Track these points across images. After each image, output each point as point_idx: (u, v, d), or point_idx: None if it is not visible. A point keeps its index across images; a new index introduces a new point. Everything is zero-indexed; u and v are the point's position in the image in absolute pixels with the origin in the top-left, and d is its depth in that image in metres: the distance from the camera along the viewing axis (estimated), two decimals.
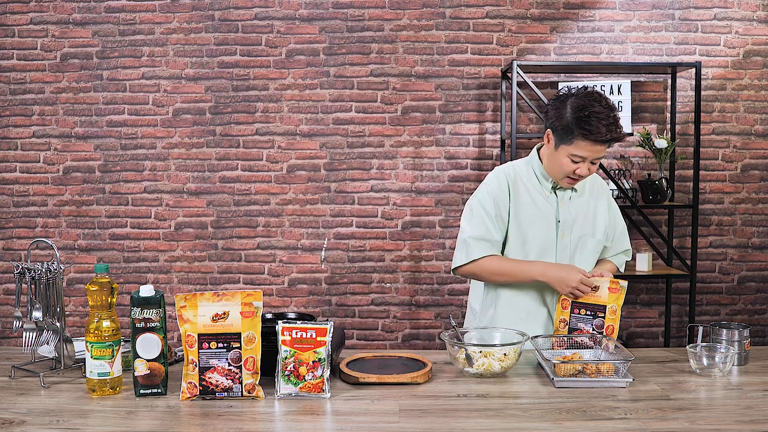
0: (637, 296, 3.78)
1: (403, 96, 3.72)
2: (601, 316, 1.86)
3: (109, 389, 1.55)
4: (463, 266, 1.99)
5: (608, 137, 1.82)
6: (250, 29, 3.69)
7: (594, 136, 1.81)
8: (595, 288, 1.88)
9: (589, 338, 1.83)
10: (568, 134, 1.86)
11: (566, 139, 1.87)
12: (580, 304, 1.90)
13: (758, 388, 1.61)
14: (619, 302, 1.86)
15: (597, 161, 1.90)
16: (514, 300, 2.02)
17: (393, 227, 3.77)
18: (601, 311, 1.86)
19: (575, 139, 1.84)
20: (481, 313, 2.09)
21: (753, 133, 3.74)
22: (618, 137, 1.85)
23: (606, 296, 1.86)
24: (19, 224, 3.76)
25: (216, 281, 3.78)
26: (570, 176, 1.92)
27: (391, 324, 3.80)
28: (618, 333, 1.88)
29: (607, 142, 1.85)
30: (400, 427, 1.37)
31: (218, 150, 3.74)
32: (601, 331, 1.85)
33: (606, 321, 1.86)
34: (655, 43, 3.68)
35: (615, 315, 1.86)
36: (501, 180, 2.01)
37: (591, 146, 1.84)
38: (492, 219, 1.97)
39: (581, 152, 1.85)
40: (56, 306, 1.72)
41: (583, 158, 1.87)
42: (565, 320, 1.91)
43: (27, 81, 3.70)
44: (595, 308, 1.87)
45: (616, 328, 1.86)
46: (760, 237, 3.77)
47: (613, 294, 1.86)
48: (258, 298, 1.55)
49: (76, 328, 3.73)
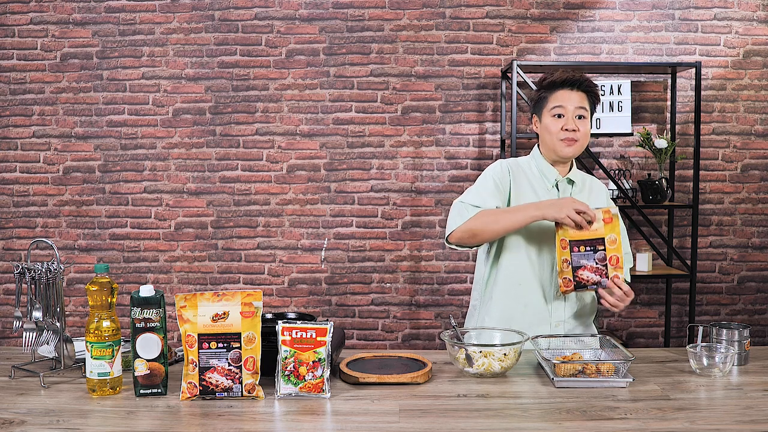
0: (637, 296, 3.78)
1: (403, 96, 3.72)
2: (602, 249, 1.83)
3: (109, 389, 1.55)
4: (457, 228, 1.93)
5: (569, 76, 1.95)
6: (250, 29, 3.69)
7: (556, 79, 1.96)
8: (590, 222, 1.84)
9: (594, 273, 1.82)
10: (541, 99, 1.99)
11: (542, 103, 1.99)
12: (578, 242, 1.85)
13: (758, 388, 1.61)
14: (616, 230, 1.83)
15: (583, 115, 1.95)
16: (512, 293, 2.01)
17: (393, 227, 3.77)
18: (600, 244, 1.84)
19: (547, 96, 1.97)
20: (481, 306, 2.08)
21: (753, 133, 3.74)
22: (581, 79, 1.95)
23: (602, 228, 1.84)
24: (19, 224, 3.76)
25: (216, 281, 3.78)
26: (562, 137, 1.94)
27: (391, 324, 3.80)
28: (618, 332, 1.86)
29: (573, 84, 1.94)
30: (400, 427, 1.37)
31: (218, 150, 3.74)
32: (605, 264, 1.84)
33: (607, 252, 1.83)
34: (655, 43, 3.68)
35: (615, 244, 1.83)
36: (503, 166, 2.03)
37: (562, 94, 1.95)
38: (490, 193, 1.95)
39: (556, 101, 1.95)
40: (56, 306, 1.72)
41: (562, 107, 1.94)
42: (568, 260, 1.86)
43: (27, 81, 3.70)
44: (594, 242, 1.84)
45: (621, 257, 1.83)
46: (760, 237, 3.77)
47: (608, 224, 1.84)
48: (258, 298, 1.55)
49: (76, 328, 3.73)
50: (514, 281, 2.01)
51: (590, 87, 1.97)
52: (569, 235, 1.86)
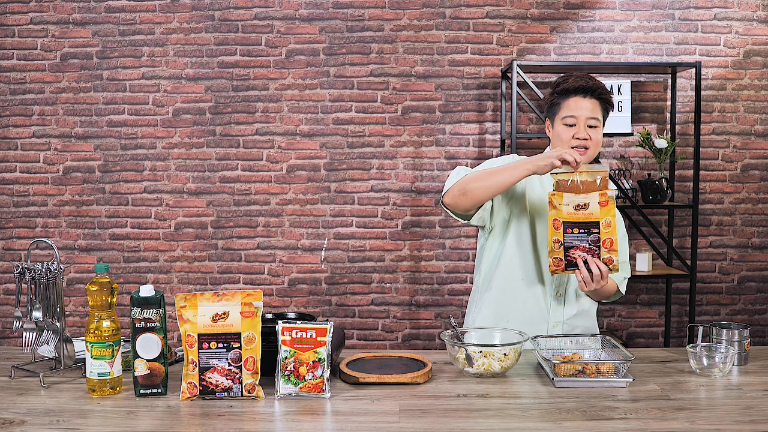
0: (637, 296, 3.78)
1: (403, 96, 3.72)
2: (596, 232, 1.80)
3: (109, 389, 1.55)
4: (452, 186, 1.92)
5: (584, 83, 1.93)
6: (250, 29, 3.69)
7: (570, 86, 1.93)
8: (585, 205, 1.81)
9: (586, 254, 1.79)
10: (554, 105, 1.97)
11: (555, 109, 1.97)
12: (572, 224, 1.82)
13: (758, 388, 1.61)
14: (611, 213, 1.80)
15: (595, 125, 1.93)
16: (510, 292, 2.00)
17: (393, 227, 3.77)
18: (595, 227, 1.80)
19: (560, 102, 1.95)
20: (479, 299, 2.08)
21: (753, 133, 3.74)
22: (595, 86, 1.93)
23: (598, 211, 1.80)
24: (19, 224, 3.76)
25: (216, 281, 3.78)
26: (573, 146, 1.92)
27: (391, 324, 3.80)
28: (618, 332, 1.86)
29: (586, 91, 1.92)
30: (400, 427, 1.37)
31: (218, 150, 3.74)
32: (598, 246, 1.80)
33: (602, 235, 1.80)
34: (655, 43, 3.68)
35: (610, 227, 1.79)
36: (515, 157, 2.04)
37: (575, 102, 1.93)
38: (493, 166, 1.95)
39: (568, 111, 1.93)
40: (56, 306, 1.72)
41: (574, 117, 1.93)
42: (560, 240, 1.83)
43: (27, 81, 3.70)
44: (588, 225, 1.81)
45: (616, 240, 1.80)
46: (760, 237, 3.77)
47: (604, 207, 1.80)
48: (258, 298, 1.55)
49: (76, 328, 3.73)
50: (516, 277, 2.01)
51: (604, 95, 1.95)
52: (563, 215, 1.82)
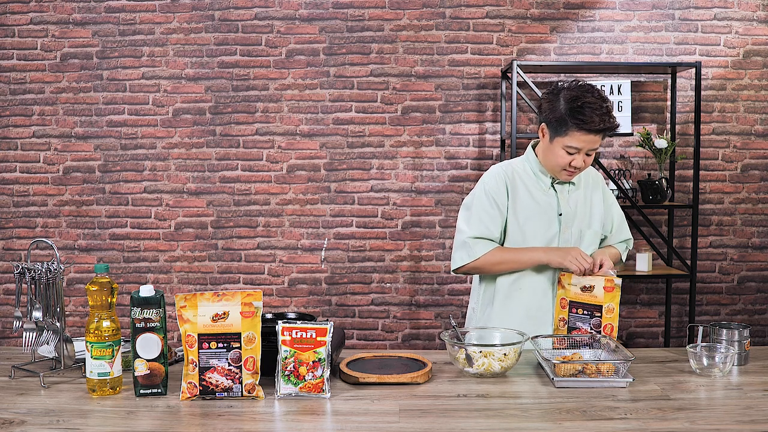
0: (637, 296, 3.78)
1: (403, 96, 3.72)
2: (598, 316, 1.86)
3: (109, 389, 1.55)
4: (464, 266, 2.00)
5: (601, 126, 1.86)
6: (250, 29, 3.69)
7: (588, 126, 1.85)
8: (591, 287, 1.88)
9: (588, 337, 1.83)
10: (562, 126, 1.89)
11: (560, 131, 1.90)
12: (577, 304, 1.90)
13: (758, 388, 1.61)
14: (615, 300, 1.85)
15: (592, 152, 1.92)
16: (513, 297, 2.02)
17: (393, 227, 3.77)
18: (598, 311, 1.86)
19: (569, 130, 1.88)
20: (480, 311, 2.09)
21: (753, 133, 3.74)
22: (611, 126, 1.88)
23: (602, 296, 1.86)
24: (19, 224, 3.76)
25: (216, 281, 3.78)
26: (567, 169, 1.93)
27: (391, 324, 3.80)
28: (618, 332, 1.88)
29: (601, 131, 1.88)
30: (400, 427, 1.37)
31: (218, 150, 3.74)
32: (599, 330, 1.85)
33: (603, 320, 1.86)
34: (655, 43, 3.68)
35: (612, 313, 1.85)
36: (498, 179, 2.01)
37: (585, 136, 1.87)
38: (490, 216, 1.97)
39: (576, 143, 1.88)
40: (56, 306, 1.72)
41: (578, 149, 1.89)
42: (564, 319, 1.92)
43: (27, 81, 3.70)
44: (592, 308, 1.88)
45: (615, 327, 1.86)
46: (760, 237, 3.77)
47: (608, 293, 1.86)
48: (258, 298, 1.55)
49: (76, 328, 3.73)
50: (515, 287, 2.02)
51: (613, 130, 1.93)
52: (570, 295, 1.92)
